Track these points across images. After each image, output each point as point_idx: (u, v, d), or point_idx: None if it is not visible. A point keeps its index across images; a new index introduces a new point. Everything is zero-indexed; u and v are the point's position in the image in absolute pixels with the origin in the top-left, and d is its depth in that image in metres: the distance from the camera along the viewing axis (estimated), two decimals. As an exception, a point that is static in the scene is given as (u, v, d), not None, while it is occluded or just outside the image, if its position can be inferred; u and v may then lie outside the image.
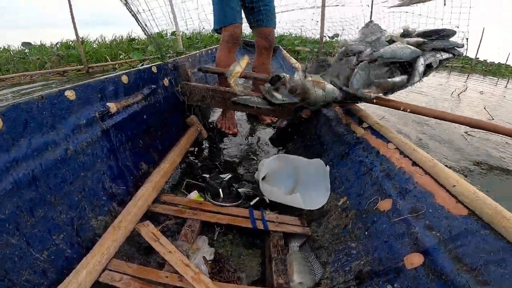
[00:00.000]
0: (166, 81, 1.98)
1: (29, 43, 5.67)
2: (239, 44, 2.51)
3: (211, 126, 2.67)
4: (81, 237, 1.16)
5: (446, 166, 1.14)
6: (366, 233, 1.23)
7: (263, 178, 1.71)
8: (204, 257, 1.20)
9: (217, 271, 1.24)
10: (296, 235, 1.43)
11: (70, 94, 1.16)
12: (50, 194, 1.05)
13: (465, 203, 0.99)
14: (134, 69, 1.67)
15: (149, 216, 1.36)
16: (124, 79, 1.49)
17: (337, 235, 1.33)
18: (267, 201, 1.59)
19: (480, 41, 10.92)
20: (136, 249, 1.29)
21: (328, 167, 1.61)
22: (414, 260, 1.01)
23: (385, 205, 1.22)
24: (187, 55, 3.04)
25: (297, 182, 1.80)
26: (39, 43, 5.97)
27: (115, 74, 1.46)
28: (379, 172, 1.35)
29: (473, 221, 0.94)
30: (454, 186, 1.05)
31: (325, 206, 1.53)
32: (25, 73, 4.64)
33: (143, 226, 1.25)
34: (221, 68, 2.38)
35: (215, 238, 1.40)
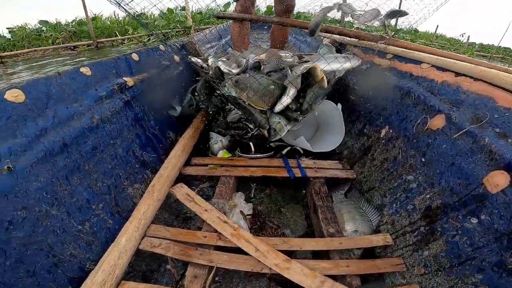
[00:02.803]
0: (177, 58, 1.92)
1: (45, 21, 5.57)
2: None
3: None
4: (120, 206, 1.09)
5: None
6: (423, 160, 0.98)
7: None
8: (241, 212, 1.06)
9: (258, 227, 1.09)
10: (339, 182, 1.22)
11: (85, 70, 1.14)
12: (84, 161, 1.00)
13: (534, 97, 0.75)
14: (143, 47, 1.65)
15: (183, 179, 1.26)
16: (135, 56, 1.48)
17: (388, 170, 1.09)
18: (301, 151, 1.40)
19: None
20: (175, 217, 1.21)
21: (339, 104, 1.44)
22: (498, 179, 0.75)
23: (437, 122, 0.98)
24: (195, 34, 2.92)
25: (318, 127, 1.69)
26: (55, 21, 5.78)
27: (126, 53, 1.46)
28: (419, 91, 1.13)
29: None
30: (513, 83, 0.82)
31: (365, 142, 1.32)
32: (36, 48, 4.63)
33: (178, 188, 1.15)
34: (235, 37, 2.23)
35: (252, 196, 1.26)
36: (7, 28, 5.36)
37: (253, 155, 1.36)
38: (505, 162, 0.74)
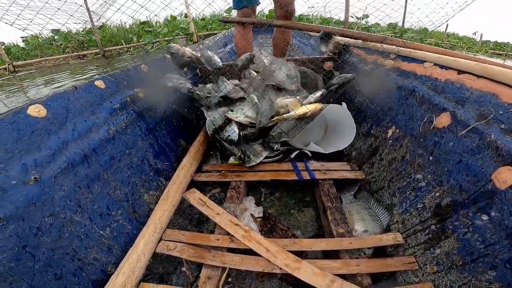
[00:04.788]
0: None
1: (57, 30, 5.74)
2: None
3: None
4: (137, 212, 1.14)
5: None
6: (430, 158, 0.98)
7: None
8: (252, 215, 1.09)
9: (268, 230, 1.12)
10: (347, 184, 1.23)
11: (99, 84, 1.20)
12: (103, 170, 1.06)
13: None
14: (151, 59, 1.69)
15: (195, 185, 1.31)
16: (144, 67, 1.52)
17: (396, 170, 1.10)
18: (309, 154, 1.42)
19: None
20: (189, 221, 1.26)
21: (344, 103, 1.47)
22: (506, 176, 0.74)
23: (443, 120, 0.98)
24: (198, 42, 2.99)
25: (327, 129, 1.71)
26: (67, 30, 5.97)
27: (135, 64, 1.51)
28: (424, 90, 1.13)
29: None
30: (515, 80, 0.83)
31: (372, 143, 1.32)
32: (47, 58, 4.82)
33: (190, 194, 1.20)
34: (239, 45, 2.29)
35: (262, 199, 1.29)
36: (21, 37, 5.64)
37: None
38: None
